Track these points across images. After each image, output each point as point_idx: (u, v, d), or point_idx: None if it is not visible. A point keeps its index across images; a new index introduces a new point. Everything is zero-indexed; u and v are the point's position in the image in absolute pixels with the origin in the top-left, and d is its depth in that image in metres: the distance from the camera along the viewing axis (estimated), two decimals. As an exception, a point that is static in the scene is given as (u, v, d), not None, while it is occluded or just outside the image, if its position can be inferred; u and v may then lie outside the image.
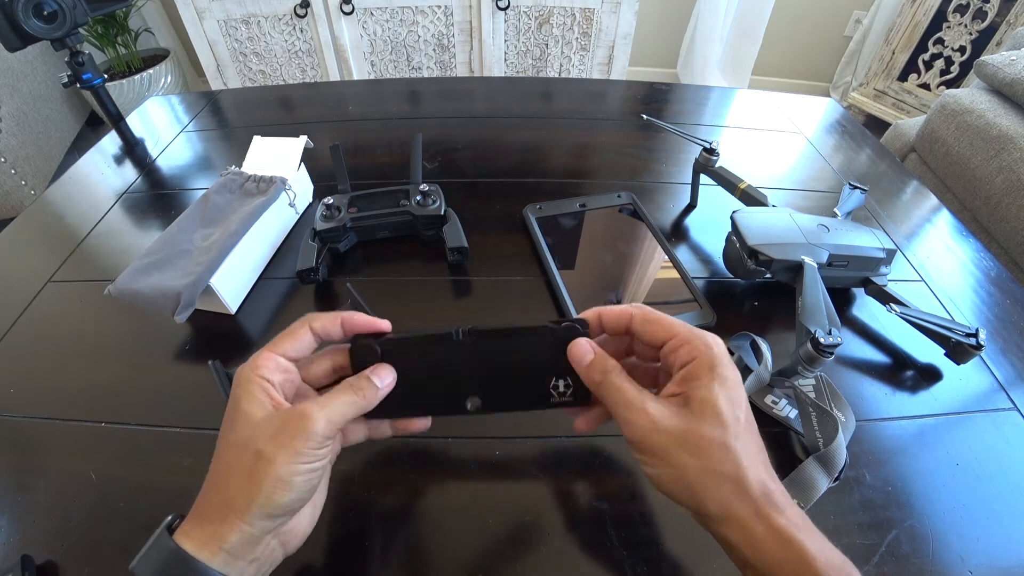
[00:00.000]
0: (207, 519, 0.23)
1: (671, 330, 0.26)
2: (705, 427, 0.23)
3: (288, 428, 0.23)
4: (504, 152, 0.65)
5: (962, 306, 0.47)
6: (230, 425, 0.24)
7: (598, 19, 1.55)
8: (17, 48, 0.60)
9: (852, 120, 0.76)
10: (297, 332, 0.27)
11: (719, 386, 0.24)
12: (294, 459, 0.23)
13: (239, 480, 0.23)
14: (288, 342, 0.26)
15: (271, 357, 0.26)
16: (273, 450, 0.22)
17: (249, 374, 0.25)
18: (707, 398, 0.23)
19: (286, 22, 1.52)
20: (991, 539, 0.31)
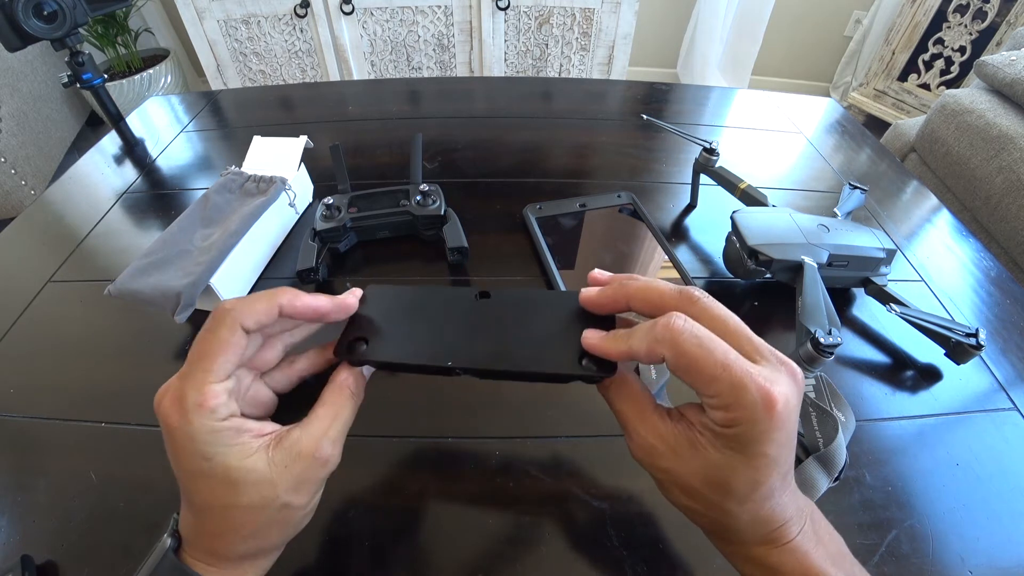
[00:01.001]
0: (226, 560, 0.22)
1: (712, 387, 0.19)
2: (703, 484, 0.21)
3: (311, 478, 0.22)
4: (504, 152, 0.66)
5: (962, 306, 0.47)
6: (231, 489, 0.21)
7: (598, 19, 1.55)
8: (17, 48, 0.60)
9: (852, 120, 0.76)
10: (226, 343, 0.21)
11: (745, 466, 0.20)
12: (315, 496, 0.23)
13: (269, 532, 0.22)
14: (217, 361, 0.21)
15: (212, 390, 0.21)
16: (299, 500, 0.22)
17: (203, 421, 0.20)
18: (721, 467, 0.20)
19: (286, 22, 1.52)
20: (991, 539, 0.31)
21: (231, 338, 0.21)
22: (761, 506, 0.21)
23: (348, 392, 0.24)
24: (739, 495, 0.20)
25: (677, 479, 0.22)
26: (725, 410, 0.19)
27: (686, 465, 0.21)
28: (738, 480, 0.20)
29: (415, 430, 0.36)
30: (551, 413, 0.37)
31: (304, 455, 0.22)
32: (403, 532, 0.31)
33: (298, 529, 0.24)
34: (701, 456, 0.21)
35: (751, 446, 0.19)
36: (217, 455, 0.20)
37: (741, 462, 0.20)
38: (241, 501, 0.21)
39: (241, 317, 0.22)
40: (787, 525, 0.21)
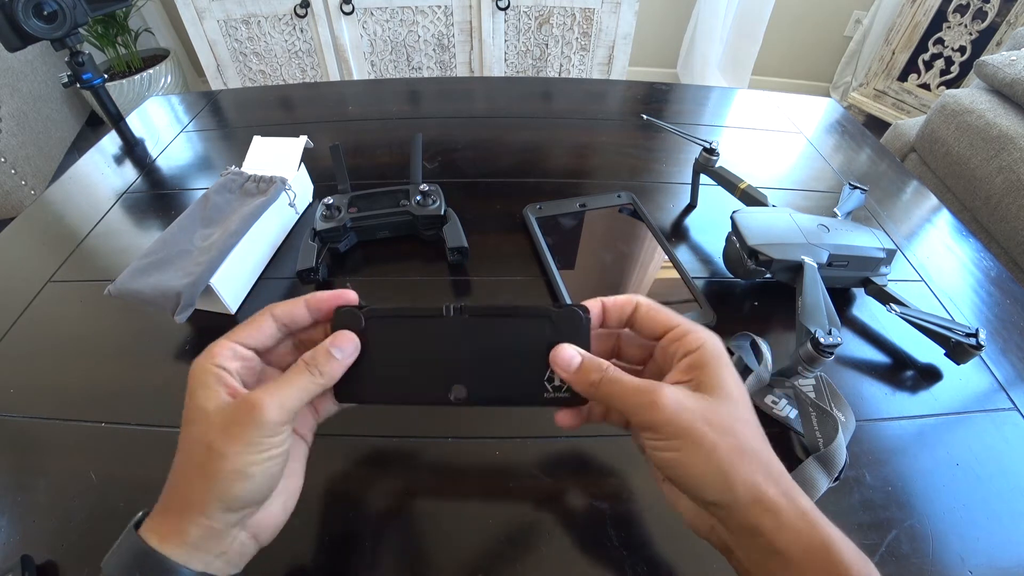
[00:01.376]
0: (169, 514, 0.22)
1: (673, 320, 0.25)
2: (727, 406, 0.23)
3: (238, 419, 0.22)
4: (504, 152, 0.65)
5: (962, 306, 0.47)
6: (186, 419, 0.23)
7: (598, 19, 1.55)
8: (17, 48, 0.60)
9: (852, 120, 0.76)
10: (257, 320, 0.26)
11: (728, 372, 0.24)
12: (247, 450, 0.22)
13: (194, 475, 0.22)
14: (247, 330, 0.25)
15: (227, 345, 0.25)
16: (224, 442, 0.22)
17: (204, 363, 0.24)
18: (721, 381, 0.23)
19: (286, 22, 1.52)
20: (991, 539, 0.31)
21: (259, 319, 0.26)
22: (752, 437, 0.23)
23: (301, 363, 0.25)
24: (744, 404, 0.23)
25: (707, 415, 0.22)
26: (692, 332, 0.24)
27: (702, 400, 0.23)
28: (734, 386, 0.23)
29: (415, 430, 0.36)
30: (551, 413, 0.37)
31: (241, 400, 0.23)
32: (403, 532, 0.31)
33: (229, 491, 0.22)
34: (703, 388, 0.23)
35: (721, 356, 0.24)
36: (196, 391, 0.23)
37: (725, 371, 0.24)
38: (187, 434, 0.23)
39: (272, 307, 0.26)
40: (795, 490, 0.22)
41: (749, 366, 0.38)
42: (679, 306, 0.44)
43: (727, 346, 0.40)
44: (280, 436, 0.23)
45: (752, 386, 0.37)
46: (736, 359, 0.39)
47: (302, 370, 0.24)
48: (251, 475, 0.22)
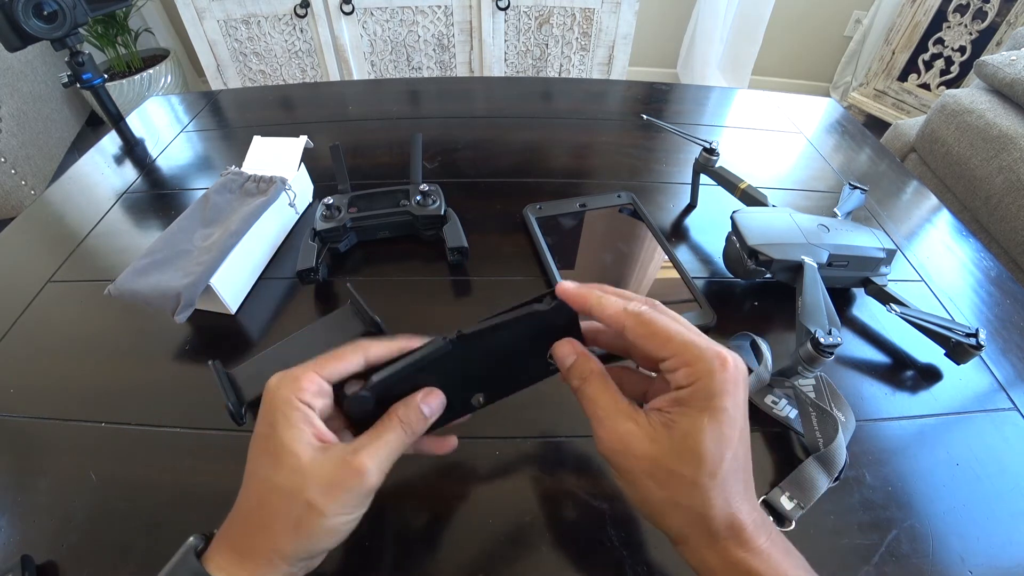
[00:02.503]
0: (248, 557, 0.22)
1: (668, 347, 0.22)
2: (678, 462, 0.21)
3: (343, 483, 0.22)
4: (504, 152, 0.65)
5: (962, 306, 0.47)
6: (272, 460, 0.22)
7: (598, 19, 1.55)
8: (17, 48, 0.60)
9: (852, 120, 0.76)
10: (348, 356, 0.25)
11: (710, 421, 0.21)
12: (345, 511, 0.22)
13: (287, 528, 0.22)
14: (335, 364, 0.24)
15: (315, 379, 0.23)
16: (325, 503, 0.22)
17: (289, 396, 0.23)
18: (690, 432, 0.21)
19: (286, 22, 1.52)
20: (991, 539, 0.31)
21: (350, 355, 0.25)
22: (731, 486, 0.21)
23: (396, 420, 0.24)
24: (711, 459, 0.21)
25: (652, 463, 0.22)
26: (685, 366, 0.22)
27: (659, 444, 0.22)
28: (707, 440, 0.21)
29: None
30: (551, 413, 0.37)
31: (343, 462, 0.22)
32: (403, 532, 0.31)
33: (318, 545, 0.23)
34: (673, 431, 0.22)
35: (713, 399, 0.21)
36: (279, 425, 0.22)
37: (706, 419, 0.21)
38: (275, 478, 0.22)
39: (366, 347, 0.25)
40: (756, 528, 0.22)
41: (749, 366, 0.38)
42: (679, 306, 0.44)
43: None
44: (371, 497, 0.24)
45: (752, 386, 0.37)
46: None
47: (396, 427, 0.24)
48: (342, 532, 0.23)
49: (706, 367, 0.22)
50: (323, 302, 0.46)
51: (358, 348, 0.25)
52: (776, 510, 0.32)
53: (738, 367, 0.22)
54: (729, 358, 0.22)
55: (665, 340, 0.23)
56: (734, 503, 0.22)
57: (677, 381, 0.22)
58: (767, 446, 0.35)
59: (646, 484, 0.22)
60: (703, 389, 0.22)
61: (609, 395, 0.24)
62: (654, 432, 0.22)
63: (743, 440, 0.22)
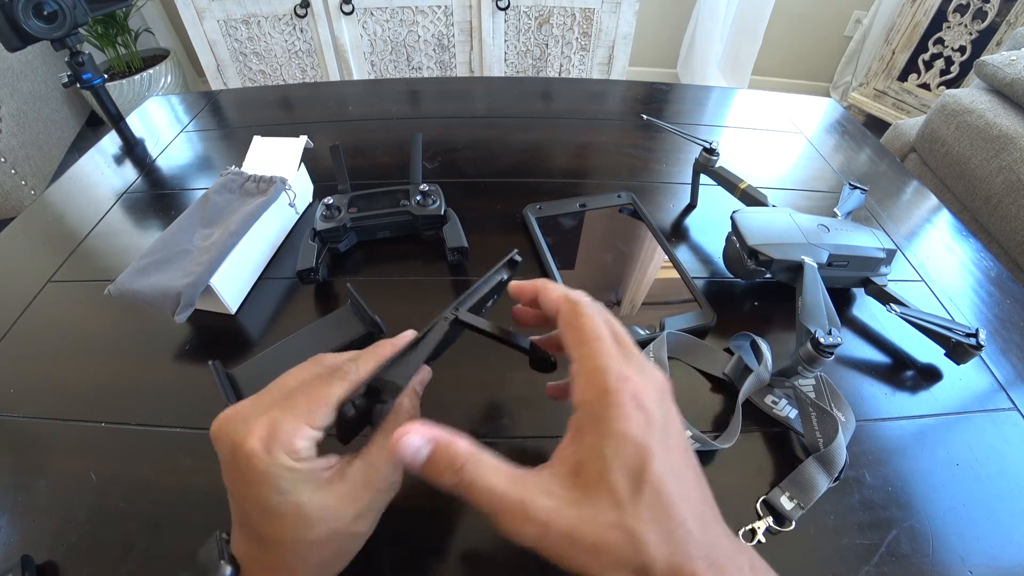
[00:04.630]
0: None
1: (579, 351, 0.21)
2: (596, 512, 0.18)
3: (375, 505, 0.23)
4: (504, 152, 0.65)
5: (962, 306, 0.47)
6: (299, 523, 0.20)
7: (598, 19, 1.55)
8: (17, 48, 0.59)
9: (852, 120, 0.76)
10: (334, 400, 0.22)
11: (610, 449, 0.18)
12: (380, 514, 0.23)
13: (338, 558, 0.23)
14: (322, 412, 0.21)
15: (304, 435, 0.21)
16: (364, 525, 0.23)
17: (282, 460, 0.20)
18: (593, 468, 0.18)
19: (286, 22, 1.52)
20: (991, 539, 0.31)
21: (341, 398, 0.22)
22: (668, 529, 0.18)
23: (405, 416, 0.24)
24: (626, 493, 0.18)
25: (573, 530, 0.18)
26: (578, 376, 0.21)
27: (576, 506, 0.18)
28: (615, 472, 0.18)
29: (415, 430, 0.36)
30: (551, 413, 0.37)
31: (370, 485, 0.22)
32: (403, 532, 0.31)
33: (359, 549, 0.24)
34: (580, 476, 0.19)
35: (602, 423, 0.19)
36: (290, 491, 0.20)
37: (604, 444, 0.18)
38: (311, 535, 0.20)
39: (341, 383, 0.22)
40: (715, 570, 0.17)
41: (749, 366, 0.38)
42: (679, 306, 0.44)
43: (728, 346, 0.40)
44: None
45: (752, 386, 0.37)
46: (736, 359, 0.39)
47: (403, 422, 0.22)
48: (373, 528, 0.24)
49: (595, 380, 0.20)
50: (323, 302, 0.46)
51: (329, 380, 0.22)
52: (776, 510, 0.32)
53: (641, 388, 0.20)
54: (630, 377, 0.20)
55: (579, 341, 0.21)
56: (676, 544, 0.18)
57: (575, 398, 0.20)
58: (767, 446, 0.35)
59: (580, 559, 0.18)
60: (594, 410, 0.19)
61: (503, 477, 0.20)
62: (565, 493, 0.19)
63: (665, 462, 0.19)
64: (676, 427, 0.20)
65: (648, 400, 0.20)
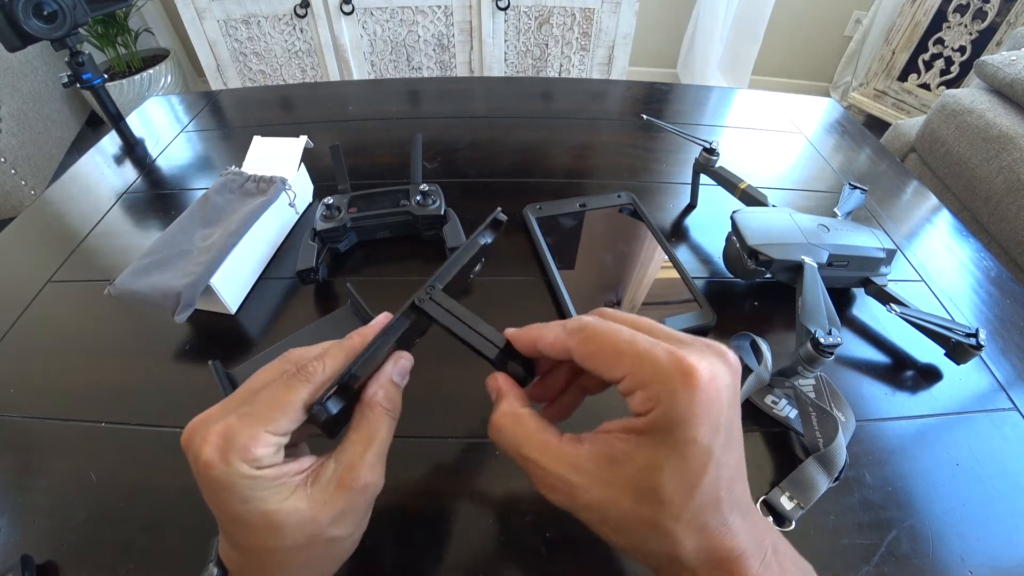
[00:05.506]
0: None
1: (619, 364, 0.18)
2: (633, 503, 0.18)
3: (352, 507, 0.21)
4: (504, 152, 0.65)
5: (962, 306, 0.47)
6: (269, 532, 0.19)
7: (598, 19, 1.55)
8: (17, 48, 0.59)
9: (852, 120, 0.76)
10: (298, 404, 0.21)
11: (671, 456, 0.17)
12: (365, 517, 0.22)
13: (321, 563, 0.22)
14: (285, 418, 0.20)
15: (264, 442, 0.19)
16: (345, 529, 0.21)
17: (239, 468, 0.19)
18: (647, 470, 0.18)
19: (286, 22, 1.52)
20: (991, 539, 0.31)
21: (306, 400, 0.21)
22: (705, 522, 0.18)
23: (380, 409, 0.22)
24: (672, 501, 0.17)
25: (603, 511, 0.19)
26: (641, 388, 0.18)
27: (608, 488, 0.18)
28: (667, 479, 0.17)
29: (417, 430, 0.36)
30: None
31: (343, 487, 0.20)
32: (403, 532, 0.31)
33: (348, 554, 0.23)
34: (623, 469, 0.18)
35: (676, 430, 0.17)
36: (255, 499, 0.19)
37: (667, 453, 0.17)
38: (284, 543, 0.20)
39: (306, 378, 0.21)
40: (744, 557, 0.18)
41: (749, 366, 0.38)
42: (679, 306, 0.44)
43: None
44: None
45: (752, 386, 0.37)
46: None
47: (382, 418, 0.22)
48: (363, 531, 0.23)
49: (665, 388, 0.17)
50: (323, 302, 0.46)
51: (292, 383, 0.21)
52: (776, 510, 0.32)
53: (715, 381, 0.18)
54: (700, 371, 0.17)
55: (614, 356, 0.19)
56: (711, 536, 0.18)
57: (634, 406, 0.18)
58: (767, 446, 0.35)
59: (604, 531, 0.19)
60: (663, 418, 0.17)
61: (536, 440, 0.20)
62: (599, 475, 0.19)
63: (722, 463, 0.18)
64: (737, 411, 0.19)
65: (721, 388, 0.18)
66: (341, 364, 0.22)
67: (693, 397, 0.17)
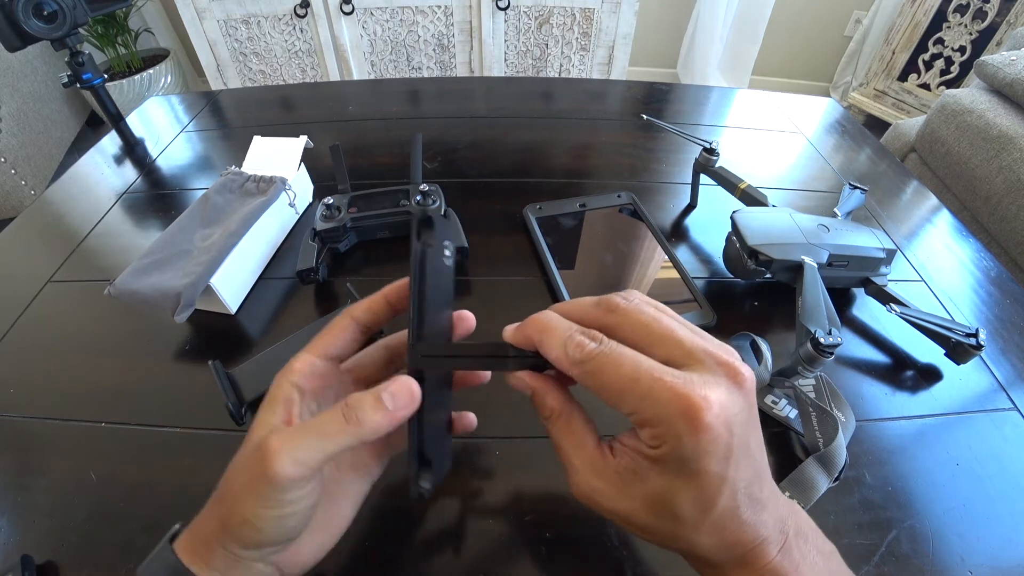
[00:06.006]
0: (199, 537, 0.22)
1: (625, 401, 0.18)
2: (653, 518, 0.19)
3: (249, 467, 0.20)
4: (504, 152, 0.65)
5: (962, 306, 0.47)
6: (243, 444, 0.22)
7: (598, 19, 1.55)
8: (17, 48, 0.59)
9: (852, 120, 0.76)
10: (336, 326, 0.24)
11: (686, 486, 0.18)
12: (257, 503, 0.19)
13: (218, 509, 0.21)
14: (326, 339, 0.24)
15: (307, 360, 0.23)
16: (239, 488, 0.20)
17: (280, 378, 0.22)
18: (664, 495, 0.19)
19: (286, 22, 1.52)
20: (991, 539, 0.31)
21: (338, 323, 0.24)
22: (724, 527, 0.19)
23: (339, 409, 0.20)
24: (690, 520, 0.19)
25: (624, 518, 0.20)
26: (648, 426, 0.18)
27: (630, 501, 0.20)
28: (684, 503, 0.18)
29: (415, 430, 0.36)
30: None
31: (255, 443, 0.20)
32: (403, 532, 0.31)
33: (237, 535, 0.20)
34: (643, 486, 0.19)
35: (686, 464, 0.18)
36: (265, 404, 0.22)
37: (682, 484, 0.18)
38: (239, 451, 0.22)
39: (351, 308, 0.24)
40: (763, 545, 0.19)
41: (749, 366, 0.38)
42: (679, 306, 0.44)
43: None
44: (296, 492, 0.20)
45: (752, 386, 0.37)
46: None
47: (337, 416, 0.20)
48: (260, 528, 0.20)
49: (671, 431, 0.18)
50: (323, 302, 0.46)
51: (344, 312, 0.24)
52: (776, 510, 0.32)
53: (723, 413, 0.17)
54: (705, 409, 0.17)
55: (618, 394, 0.18)
56: (729, 536, 0.19)
57: (644, 439, 0.19)
58: (767, 446, 0.35)
59: (631, 530, 0.21)
60: (672, 453, 0.18)
61: (572, 441, 0.21)
62: (623, 487, 0.20)
63: (734, 482, 0.18)
64: (754, 425, 0.20)
65: (731, 419, 0.18)
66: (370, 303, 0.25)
67: (699, 438, 0.17)
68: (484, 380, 0.27)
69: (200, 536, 0.22)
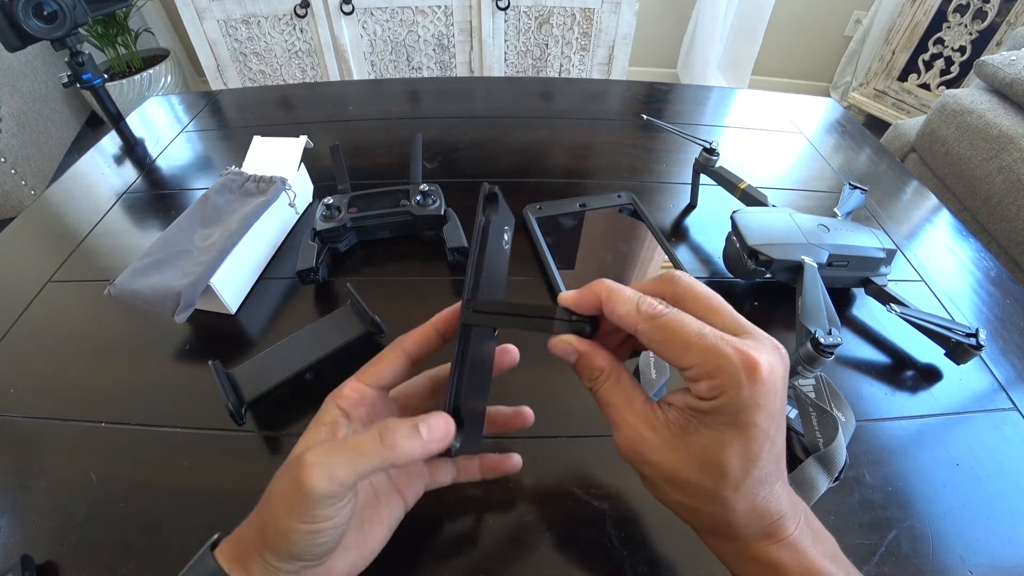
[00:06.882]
0: (239, 546, 0.23)
1: (687, 355, 0.20)
2: (698, 473, 0.20)
3: (287, 479, 0.21)
4: (504, 152, 0.65)
5: (962, 306, 0.47)
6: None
7: (598, 19, 1.55)
8: (17, 48, 0.60)
9: (852, 120, 0.76)
10: (386, 356, 0.25)
11: (737, 437, 0.20)
12: (291, 516, 0.20)
13: (258, 520, 0.22)
14: (376, 369, 0.25)
15: (356, 387, 0.24)
16: (277, 500, 0.21)
17: (328, 402, 0.24)
18: (713, 446, 0.20)
19: (286, 22, 1.52)
20: (991, 539, 0.31)
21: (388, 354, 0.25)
22: (757, 492, 0.20)
23: (375, 430, 0.21)
24: (734, 475, 0.20)
25: (669, 472, 0.21)
26: (708, 378, 0.20)
27: (677, 453, 0.21)
28: (732, 456, 0.20)
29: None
30: (551, 413, 0.37)
31: (294, 457, 0.22)
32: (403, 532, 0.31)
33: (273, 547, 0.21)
34: (692, 440, 0.21)
35: (740, 415, 0.19)
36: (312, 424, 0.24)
37: (733, 435, 0.20)
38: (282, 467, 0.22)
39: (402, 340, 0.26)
40: (784, 519, 0.21)
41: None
42: (679, 306, 0.44)
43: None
44: (329, 509, 0.20)
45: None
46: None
47: (372, 437, 0.21)
48: (293, 542, 0.20)
49: (732, 381, 0.19)
50: (323, 302, 0.46)
51: (395, 344, 0.25)
52: (776, 510, 0.32)
53: (773, 373, 0.19)
54: (762, 365, 0.19)
55: (683, 348, 0.20)
56: (760, 504, 0.21)
57: (699, 392, 0.20)
58: (767, 446, 0.35)
59: (665, 489, 0.22)
60: (730, 404, 0.19)
61: (622, 397, 0.23)
62: (672, 440, 0.21)
63: (775, 442, 0.20)
64: (785, 399, 0.21)
65: (779, 380, 0.20)
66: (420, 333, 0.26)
67: (756, 389, 0.19)
68: (514, 363, 0.28)
69: (241, 544, 0.22)
